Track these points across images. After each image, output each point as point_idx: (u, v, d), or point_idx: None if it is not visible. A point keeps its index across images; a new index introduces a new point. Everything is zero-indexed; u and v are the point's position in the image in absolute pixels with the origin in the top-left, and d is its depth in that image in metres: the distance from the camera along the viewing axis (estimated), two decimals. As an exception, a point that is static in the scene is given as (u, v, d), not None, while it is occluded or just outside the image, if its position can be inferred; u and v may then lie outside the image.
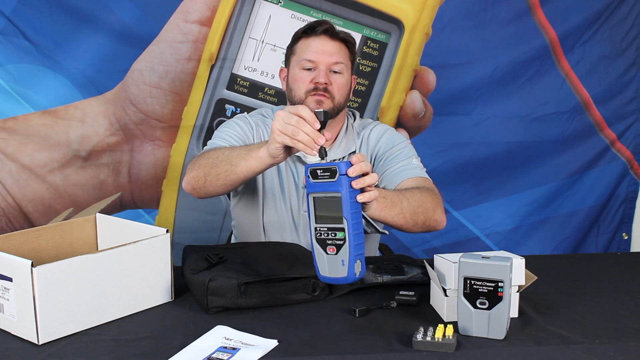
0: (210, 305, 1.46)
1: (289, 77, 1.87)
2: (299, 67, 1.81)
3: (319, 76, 1.78)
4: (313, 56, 1.80)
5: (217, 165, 1.63)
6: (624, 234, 2.81)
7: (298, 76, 1.81)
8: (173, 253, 1.54)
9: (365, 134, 1.91)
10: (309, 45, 1.81)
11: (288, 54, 1.88)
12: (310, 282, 1.53)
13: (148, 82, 2.41)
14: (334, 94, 1.80)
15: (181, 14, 2.40)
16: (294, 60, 1.84)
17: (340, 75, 1.81)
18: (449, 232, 2.63)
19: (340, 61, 1.81)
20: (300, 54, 1.82)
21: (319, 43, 1.81)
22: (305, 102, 1.78)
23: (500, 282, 1.32)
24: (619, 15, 2.64)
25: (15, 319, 1.35)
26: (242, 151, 1.60)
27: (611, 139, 2.72)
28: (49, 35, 2.36)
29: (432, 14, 2.51)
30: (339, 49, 1.82)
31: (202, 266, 1.53)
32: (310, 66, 1.80)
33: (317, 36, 1.81)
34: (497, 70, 2.60)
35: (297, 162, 1.86)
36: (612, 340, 1.33)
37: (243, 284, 1.47)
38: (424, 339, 1.29)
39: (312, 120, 1.38)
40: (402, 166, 1.82)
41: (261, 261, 1.59)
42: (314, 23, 1.83)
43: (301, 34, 1.84)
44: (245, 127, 1.86)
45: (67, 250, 1.62)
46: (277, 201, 1.87)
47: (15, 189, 2.40)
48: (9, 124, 2.38)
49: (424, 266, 1.64)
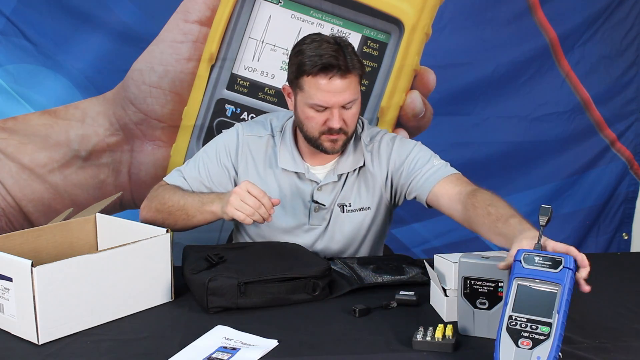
0: (210, 305, 1.46)
1: (297, 110, 1.75)
2: (308, 107, 1.70)
3: (332, 120, 1.69)
4: (324, 101, 1.67)
5: (173, 214, 1.74)
6: (624, 234, 2.81)
7: (309, 115, 1.71)
8: (173, 253, 1.54)
9: (375, 149, 1.84)
10: (319, 89, 1.66)
11: (293, 81, 1.73)
12: (310, 282, 1.53)
13: (148, 82, 2.41)
14: (348, 130, 1.73)
15: (181, 14, 2.40)
16: (301, 96, 1.71)
17: (353, 107, 1.72)
18: (449, 232, 2.62)
19: (352, 99, 1.70)
20: (309, 95, 1.68)
21: (329, 86, 1.66)
22: (320, 141, 1.73)
23: (500, 282, 1.32)
24: (619, 15, 2.63)
25: (15, 319, 1.35)
26: (196, 202, 1.72)
27: (611, 139, 2.72)
28: (49, 35, 2.36)
29: (432, 14, 2.51)
30: (349, 84, 1.68)
31: (202, 266, 1.53)
32: (321, 109, 1.69)
33: (328, 79, 1.65)
34: (497, 70, 2.60)
35: (300, 179, 1.83)
36: (612, 340, 1.33)
37: (243, 283, 1.47)
38: (423, 339, 1.29)
39: (268, 202, 1.59)
40: (427, 171, 1.78)
41: (261, 261, 1.59)
42: (326, 61, 1.64)
43: (309, 69, 1.66)
44: (223, 157, 1.82)
45: (67, 250, 1.62)
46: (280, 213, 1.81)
47: (15, 189, 2.40)
48: (9, 124, 2.38)
49: (424, 266, 1.64)
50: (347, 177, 1.83)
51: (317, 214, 1.82)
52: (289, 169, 1.81)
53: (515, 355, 1.15)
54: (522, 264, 1.22)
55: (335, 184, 1.82)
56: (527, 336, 1.16)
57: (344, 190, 1.82)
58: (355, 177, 1.83)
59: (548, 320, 1.17)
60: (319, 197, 1.81)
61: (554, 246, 1.27)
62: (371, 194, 1.84)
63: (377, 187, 1.84)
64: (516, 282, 1.21)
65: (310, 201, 1.82)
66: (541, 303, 1.18)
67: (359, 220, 1.84)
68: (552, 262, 1.20)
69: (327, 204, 1.81)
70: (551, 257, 1.21)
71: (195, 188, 1.81)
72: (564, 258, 1.20)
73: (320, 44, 1.68)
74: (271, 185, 1.81)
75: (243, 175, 1.82)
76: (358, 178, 1.84)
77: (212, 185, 1.82)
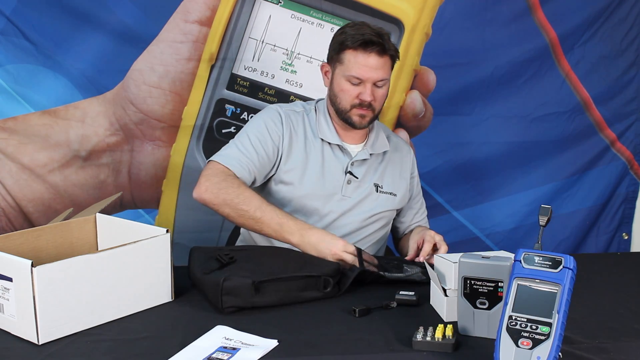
0: (224, 305, 1.45)
1: (333, 83, 1.92)
2: (345, 79, 1.88)
3: (364, 93, 1.87)
4: (361, 74, 1.85)
5: (243, 216, 1.79)
6: (624, 234, 2.81)
7: (344, 87, 1.89)
8: (173, 253, 1.54)
9: (394, 142, 2.07)
10: (357, 62, 1.85)
11: (333, 57, 1.92)
12: (320, 280, 1.53)
13: (148, 82, 2.41)
14: (376, 107, 1.91)
15: (181, 14, 2.40)
16: (340, 69, 1.89)
17: (383, 87, 1.90)
18: (449, 232, 2.62)
19: (385, 77, 1.88)
20: (347, 68, 1.87)
21: (367, 60, 1.85)
22: (350, 114, 1.90)
23: (500, 282, 1.32)
24: (619, 15, 2.63)
25: (15, 319, 1.35)
26: (274, 223, 1.77)
27: (611, 139, 2.72)
28: (49, 35, 2.36)
29: (432, 14, 2.51)
30: (384, 64, 1.87)
31: (214, 266, 1.53)
32: (357, 82, 1.87)
33: (367, 54, 1.85)
34: (497, 70, 2.60)
35: (339, 150, 1.96)
36: (612, 340, 1.33)
37: (258, 282, 1.47)
38: (423, 339, 1.29)
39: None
40: (418, 209, 2.12)
41: (271, 262, 1.60)
42: (367, 38, 1.84)
43: (351, 44, 1.86)
44: (273, 128, 1.92)
45: (67, 250, 1.62)
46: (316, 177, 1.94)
47: (15, 189, 2.39)
48: (9, 124, 2.37)
49: (424, 266, 1.64)
50: (378, 159, 2.01)
51: (349, 186, 1.93)
52: (328, 140, 1.95)
53: (515, 355, 1.15)
54: (522, 264, 1.22)
55: (368, 162, 1.98)
56: (527, 336, 1.16)
57: (378, 171, 2.00)
58: (381, 160, 2.02)
59: (548, 320, 1.17)
60: (353, 170, 1.94)
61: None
62: (397, 181, 2.03)
63: (403, 178, 2.05)
64: (516, 282, 1.21)
65: (345, 172, 1.94)
66: (541, 303, 1.19)
67: (387, 202, 2.00)
68: (552, 262, 1.21)
69: (360, 178, 1.95)
70: (551, 257, 1.21)
71: (253, 167, 1.87)
72: (564, 258, 1.20)
73: (362, 27, 1.89)
74: (314, 154, 1.93)
75: (287, 144, 1.92)
76: (384, 162, 2.02)
77: (266, 160, 1.90)
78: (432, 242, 1.76)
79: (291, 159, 1.91)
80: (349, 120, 1.91)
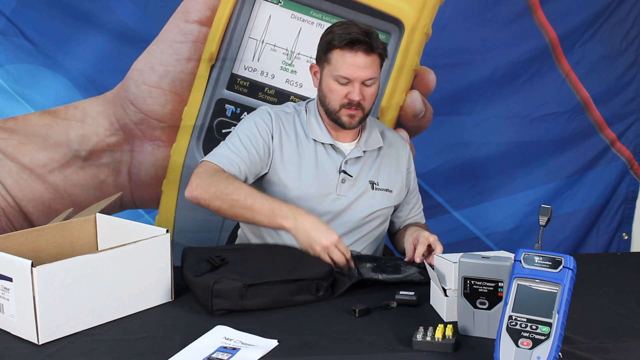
0: (214, 307, 1.45)
1: (322, 84, 1.92)
2: (333, 79, 1.87)
3: (353, 93, 1.85)
4: (348, 73, 1.84)
5: (235, 207, 1.77)
6: (624, 234, 2.81)
7: (333, 87, 1.88)
8: (173, 253, 1.54)
9: (389, 138, 2.05)
10: (344, 61, 1.84)
11: (321, 57, 1.91)
12: (313, 284, 1.53)
13: (148, 82, 2.41)
14: (365, 106, 1.89)
15: (181, 14, 2.40)
16: (328, 69, 1.88)
17: (372, 86, 1.88)
18: (449, 232, 2.62)
19: (373, 76, 1.87)
20: (335, 68, 1.86)
21: (354, 59, 1.84)
22: (339, 114, 1.89)
23: (500, 282, 1.32)
24: (619, 15, 2.63)
25: (15, 319, 1.35)
26: (266, 208, 1.75)
27: (611, 139, 2.72)
28: (49, 35, 2.36)
29: (432, 14, 2.51)
30: (372, 62, 1.86)
31: (205, 268, 1.53)
32: (344, 81, 1.86)
33: (354, 53, 1.83)
34: (497, 70, 2.60)
35: (332, 149, 1.95)
36: (612, 340, 1.33)
37: (247, 285, 1.46)
38: (423, 339, 1.29)
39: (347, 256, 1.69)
40: (415, 204, 2.11)
41: (263, 263, 1.59)
42: (354, 36, 1.83)
43: (338, 44, 1.85)
44: (262, 126, 1.92)
45: (67, 250, 1.62)
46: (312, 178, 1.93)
47: (15, 189, 2.39)
48: (9, 124, 2.37)
49: (424, 266, 1.64)
50: (373, 155, 1.99)
51: (344, 185, 1.92)
52: (320, 140, 1.94)
53: (515, 355, 1.15)
54: (522, 264, 1.22)
55: (362, 159, 1.96)
56: (527, 336, 1.16)
57: (373, 168, 1.98)
58: (376, 157, 2.00)
59: (548, 320, 1.17)
60: (346, 169, 1.93)
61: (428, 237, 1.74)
62: (393, 177, 2.01)
63: (399, 173, 2.04)
64: (516, 282, 1.21)
65: (339, 172, 1.93)
66: (541, 303, 1.19)
67: (384, 199, 1.99)
68: (552, 262, 1.21)
69: (354, 176, 1.94)
70: (551, 257, 1.21)
71: (244, 165, 1.86)
72: (564, 258, 1.20)
73: (350, 25, 1.88)
74: (307, 155, 1.92)
75: (278, 144, 1.92)
76: (378, 158, 2.00)
77: (257, 158, 1.89)
78: (426, 243, 1.75)
79: (284, 160, 1.91)
80: (339, 121, 1.90)
